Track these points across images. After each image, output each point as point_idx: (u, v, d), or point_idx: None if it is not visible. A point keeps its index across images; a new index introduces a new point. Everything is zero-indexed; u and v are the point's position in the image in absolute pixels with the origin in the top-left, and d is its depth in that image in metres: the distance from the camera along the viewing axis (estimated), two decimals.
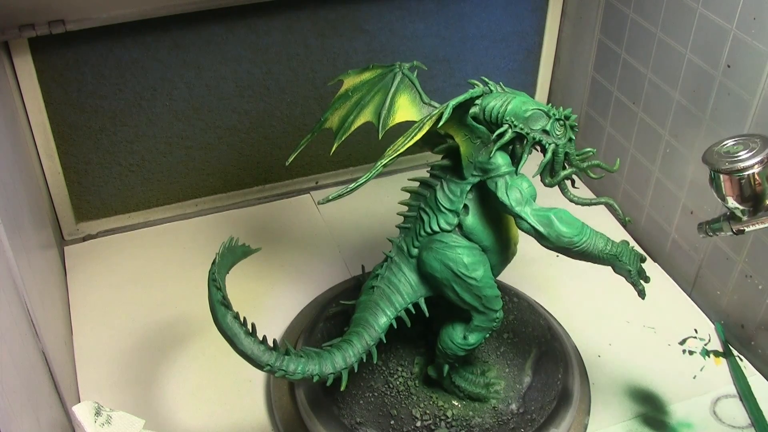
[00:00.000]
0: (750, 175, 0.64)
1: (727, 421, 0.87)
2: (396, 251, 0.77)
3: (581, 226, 0.68)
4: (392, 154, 0.63)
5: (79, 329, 0.98)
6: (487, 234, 0.73)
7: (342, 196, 0.62)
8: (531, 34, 1.24)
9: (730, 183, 0.66)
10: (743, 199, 0.67)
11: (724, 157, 0.67)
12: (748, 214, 0.68)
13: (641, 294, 0.71)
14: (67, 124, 1.05)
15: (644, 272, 0.71)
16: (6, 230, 0.67)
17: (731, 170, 0.65)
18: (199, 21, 1.04)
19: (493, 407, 0.82)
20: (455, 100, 0.63)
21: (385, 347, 0.86)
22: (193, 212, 1.19)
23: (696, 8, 0.92)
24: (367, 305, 0.76)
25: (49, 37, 0.96)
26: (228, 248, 0.73)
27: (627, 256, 0.69)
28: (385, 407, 0.82)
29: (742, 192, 0.66)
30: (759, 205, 0.66)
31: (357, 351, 0.73)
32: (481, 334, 0.75)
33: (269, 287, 1.04)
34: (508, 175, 0.69)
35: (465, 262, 0.72)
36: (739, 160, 0.65)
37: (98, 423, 0.75)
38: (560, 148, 0.69)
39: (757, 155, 0.64)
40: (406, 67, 0.76)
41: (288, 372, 0.68)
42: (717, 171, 0.66)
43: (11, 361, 0.60)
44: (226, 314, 0.66)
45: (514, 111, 0.68)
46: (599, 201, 0.72)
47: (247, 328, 0.67)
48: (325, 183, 1.25)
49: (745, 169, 0.64)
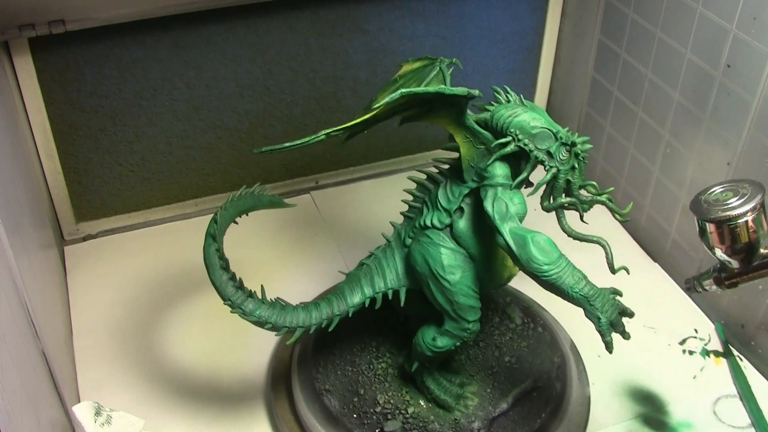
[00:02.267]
0: (743, 223, 0.60)
1: (727, 421, 0.87)
2: (395, 237, 0.78)
3: (557, 257, 0.65)
4: (343, 126, 0.63)
5: (79, 329, 0.98)
6: (475, 243, 0.72)
7: (275, 151, 0.64)
8: (531, 34, 1.24)
9: (721, 233, 0.62)
10: (735, 250, 0.62)
11: (714, 205, 0.62)
12: (740, 265, 0.64)
13: (608, 347, 0.67)
14: (67, 124, 1.05)
15: (622, 326, 0.67)
16: (6, 230, 0.67)
17: (723, 219, 0.60)
18: (199, 21, 1.04)
19: (455, 420, 0.80)
20: (408, 89, 0.61)
21: (385, 332, 0.87)
22: (193, 212, 1.19)
23: (696, 8, 0.92)
24: (351, 279, 0.78)
25: (49, 37, 0.96)
26: (251, 193, 0.78)
27: (601, 302, 0.65)
28: (356, 384, 0.83)
29: (734, 242, 0.61)
30: (753, 255, 0.62)
31: (320, 315, 0.75)
32: (451, 341, 0.74)
33: (269, 287, 1.04)
34: (501, 187, 0.68)
35: (443, 262, 0.71)
36: (730, 208, 0.60)
37: (98, 423, 0.76)
38: (561, 173, 0.68)
39: (749, 201, 0.60)
40: (445, 62, 0.77)
41: (245, 311, 0.72)
42: (707, 221, 0.61)
43: (11, 361, 0.60)
44: (210, 245, 0.71)
45: (521, 125, 0.67)
46: (592, 239, 0.69)
47: (222, 263, 0.71)
48: (325, 183, 1.25)
49: (738, 217, 0.60)
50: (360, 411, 0.80)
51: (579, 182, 0.69)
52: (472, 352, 0.87)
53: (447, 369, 0.84)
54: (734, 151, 0.91)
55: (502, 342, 0.88)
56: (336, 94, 1.17)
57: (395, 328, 0.86)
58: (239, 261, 0.77)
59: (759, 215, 0.61)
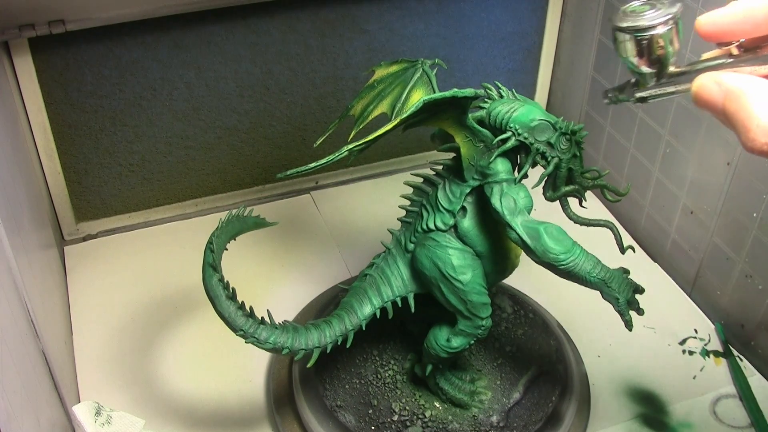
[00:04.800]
0: (653, 36, 0.58)
1: (727, 421, 0.87)
2: (394, 244, 0.77)
3: (571, 244, 0.66)
4: (364, 140, 0.63)
5: (79, 329, 0.98)
6: (481, 240, 0.72)
7: (300, 173, 0.64)
8: (531, 34, 1.24)
9: (633, 44, 0.62)
10: (644, 63, 0.62)
11: (629, 16, 0.63)
12: (653, 80, 0.62)
13: (627, 325, 0.68)
14: (67, 124, 1.05)
15: (636, 303, 0.69)
16: (6, 230, 0.67)
17: (632, 28, 0.58)
18: (199, 21, 1.04)
19: (473, 416, 0.81)
20: (430, 96, 0.62)
21: (384, 339, 0.87)
22: (193, 212, 1.19)
23: (696, 8, 0.92)
24: (356, 291, 0.77)
25: (49, 37, 0.96)
26: (237, 216, 0.76)
27: (617, 282, 0.67)
28: (367, 396, 0.82)
29: (642, 54, 0.61)
30: (662, 71, 0.60)
31: (334, 333, 0.74)
32: (466, 340, 0.75)
33: (269, 287, 1.04)
34: (505, 183, 0.68)
35: (453, 263, 0.71)
36: (642, 19, 0.58)
37: (98, 423, 0.76)
38: (563, 162, 0.68)
39: (662, 16, 0.58)
40: (428, 64, 0.77)
41: (259, 340, 0.71)
42: (618, 29, 0.59)
43: (11, 361, 0.60)
44: (212, 276, 0.69)
45: (520, 119, 0.68)
46: (599, 222, 0.70)
47: (228, 292, 0.70)
48: (325, 183, 1.25)
49: (645, 29, 0.58)
50: (377, 422, 0.79)
51: (580, 169, 0.70)
52: (473, 347, 0.87)
53: (455, 367, 0.84)
54: (734, 151, 0.91)
55: (499, 332, 0.89)
56: (336, 94, 1.17)
57: (393, 333, 0.86)
58: (238, 263, 0.77)
59: (669, 31, 0.60)
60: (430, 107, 0.63)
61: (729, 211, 0.94)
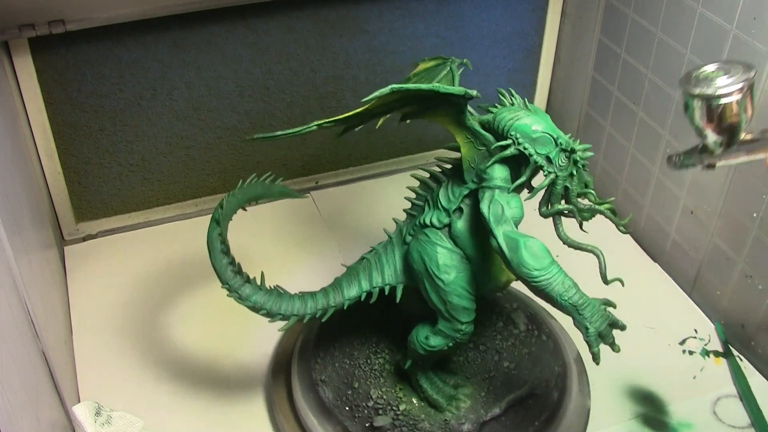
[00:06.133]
0: (726, 104, 0.57)
1: (727, 421, 0.87)
2: (396, 233, 0.78)
3: (548, 263, 0.65)
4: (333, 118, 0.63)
5: (79, 329, 0.98)
6: (472, 244, 0.72)
7: (267, 139, 0.64)
8: (531, 34, 1.24)
9: (704, 111, 0.59)
10: (716, 131, 0.59)
11: (702, 82, 0.59)
12: (721, 148, 0.61)
13: (595, 358, 0.66)
14: (67, 124, 1.05)
15: (611, 338, 0.67)
16: (6, 230, 0.67)
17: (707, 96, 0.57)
18: (199, 21, 1.04)
19: (446, 420, 0.80)
20: (398, 84, 0.61)
21: (387, 328, 0.87)
22: (193, 212, 1.19)
23: (696, 8, 0.92)
24: (350, 272, 0.78)
25: (49, 37, 0.96)
26: (261, 182, 0.79)
27: (590, 311, 0.65)
28: (352, 378, 0.84)
29: (713, 121, 0.58)
30: (733, 138, 0.59)
31: (315, 306, 0.76)
32: (444, 341, 0.74)
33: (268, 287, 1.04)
34: (498, 189, 0.68)
35: (438, 261, 0.71)
36: (716, 86, 0.57)
37: (98, 423, 0.76)
38: (559, 179, 0.67)
39: (736, 83, 0.57)
40: (456, 63, 0.79)
41: (241, 296, 0.73)
42: (689, 96, 0.59)
43: (11, 361, 0.60)
44: (214, 229, 0.73)
45: (522, 128, 0.67)
46: (587, 247, 0.68)
47: (224, 247, 0.73)
48: (325, 183, 1.25)
49: (720, 96, 0.57)
50: (352, 404, 0.81)
51: (577, 190, 0.68)
52: (471, 354, 0.87)
53: (443, 369, 0.84)
54: None
55: (504, 347, 0.88)
56: (336, 94, 1.17)
57: (397, 325, 0.86)
58: (239, 261, 0.77)
59: (744, 98, 0.58)
60: (410, 98, 0.63)
61: (729, 211, 0.94)
